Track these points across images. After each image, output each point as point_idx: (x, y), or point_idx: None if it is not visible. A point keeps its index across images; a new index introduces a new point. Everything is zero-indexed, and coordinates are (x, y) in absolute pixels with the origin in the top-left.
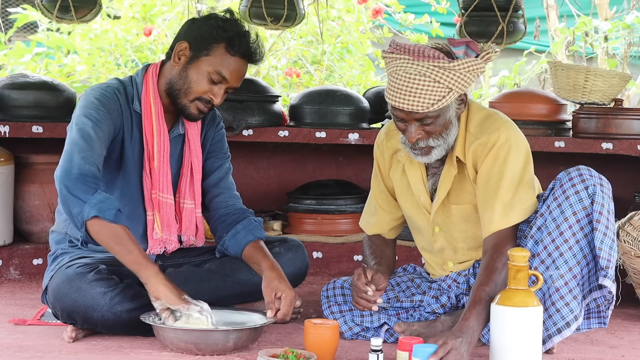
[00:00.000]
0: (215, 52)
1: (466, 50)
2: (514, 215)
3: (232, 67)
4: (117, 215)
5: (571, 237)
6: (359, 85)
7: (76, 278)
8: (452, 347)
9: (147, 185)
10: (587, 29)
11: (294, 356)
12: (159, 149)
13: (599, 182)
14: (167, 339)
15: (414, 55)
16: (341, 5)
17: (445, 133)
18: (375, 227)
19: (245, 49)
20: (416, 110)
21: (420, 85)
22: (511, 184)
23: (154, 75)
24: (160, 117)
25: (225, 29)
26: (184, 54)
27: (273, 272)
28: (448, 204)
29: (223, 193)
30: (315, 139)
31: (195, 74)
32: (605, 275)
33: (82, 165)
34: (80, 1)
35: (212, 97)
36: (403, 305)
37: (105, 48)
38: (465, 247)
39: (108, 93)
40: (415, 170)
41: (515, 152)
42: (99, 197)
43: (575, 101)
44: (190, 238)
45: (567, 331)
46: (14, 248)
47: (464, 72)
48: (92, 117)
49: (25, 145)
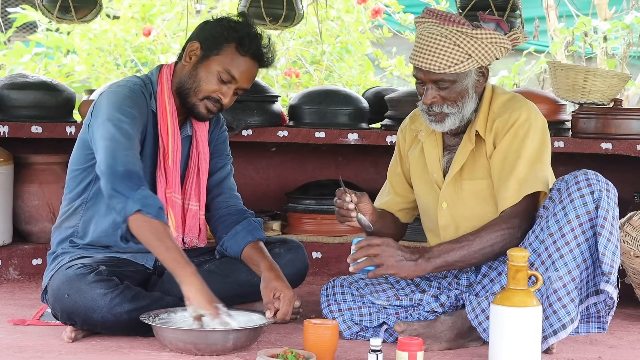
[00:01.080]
0: (226, 51)
1: (495, 28)
2: (525, 189)
3: (242, 67)
4: (159, 212)
5: (573, 240)
6: (358, 85)
7: (76, 279)
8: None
9: (162, 185)
10: (586, 29)
11: (293, 356)
12: (173, 149)
13: (605, 187)
14: (166, 339)
15: (441, 19)
16: (340, 5)
17: (460, 102)
18: (384, 205)
19: (256, 50)
20: (432, 70)
21: (440, 46)
22: (527, 162)
23: (168, 75)
24: (174, 117)
25: (237, 29)
26: (195, 53)
27: (271, 273)
28: (460, 180)
29: (224, 193)
30: (314, 139)
31: (205, 72)
32: (608, 281)
33: (127, 163)
34: (80, 1)
35: (221, 96)
36: (402, 304)
37: (105, 48)
38: (469, 226)
39: (137, 89)
40: (432, 149)
41: (534, 131)
42: (143, 193)
43: (575, 101)
44: (193, 239)
45: (563, 333)
46: (13, 248)
47: (486, 42)
48: (127, 114)
49: (24, 145)
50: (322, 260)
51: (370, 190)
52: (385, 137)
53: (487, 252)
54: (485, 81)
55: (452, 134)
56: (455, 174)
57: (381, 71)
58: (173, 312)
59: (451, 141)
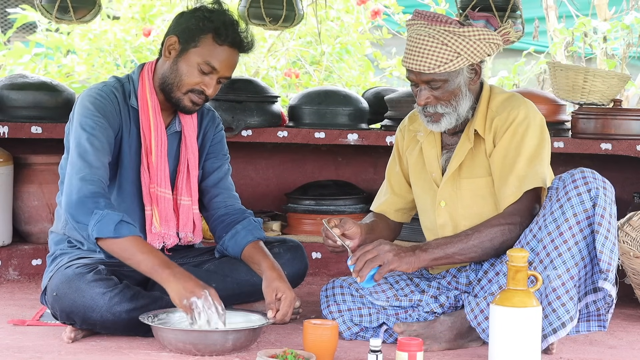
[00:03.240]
0: (203, 43)
1: (485, 25)
2: (525, 185)
3: (221, 57)
4: (117, 228)
5: (570, 238)
6: (358, 85)
7: (75, 278)
8: (375, 244)
9: (145, 180)
10: (586, 29)
11: (292, 357)
12: (156, 144)
13: (602, 185)
14: (165, 339)
15: (429, 20)
16: (340, 5)
17: (454, 101)
18: (382, 205)
19: (233, 38)
20: (422, 71)
21: (428, 47)
22: (527, 159)
23: (150, 72)
24: (157, 112)
25: (212, 19)
26: (174, 47)
27: (274, 272)
28: (459, 178)
29: (222, 193)
30: (314, 140)
31: (186, 66)
32: (606, 279)
33: (81, 188)
34: (79, 2)
35: (204, 87)
36: (402, 305)
37: (105, 48)
38: (467, 224)
39: (104, 92)
40: (431, 148)
41: (532, 128)
42: (96, 218)
43: (574, 102)
44: (187, 235)
45: (563, 331)
46: (13, 248)
47: (474, 39)
48: (87, 128)
49: (24, 145)
50: (321, 260)
51: (370, 190)
52: (385, 137)
53: (487, 247)
54: (479, 78)
55: (451, 133)
56: (454, 172)
57: (381, 72)
58: (172, 312)
59: (449, 140)
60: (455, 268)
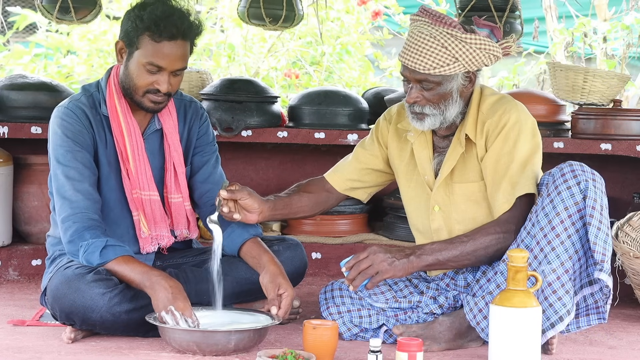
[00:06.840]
0: (142, 43)
1: (489, 35)
2: (518, 191)
3: (163, 53)
4: (103, 254)
5: (563, 232)
6: (358, 86)
7: (75, 279)
8: (370, 252)
9: (127, 186)
10: (586, 29)
11: (292, 357)
12: (132, 148)
13: (591, 177)
14: (171, 338)
15: (433, 19)
16: (340, 6)
17: (443, 104)
18: (336, 173)
19: (170, 31)
20: (417, 70)
21: (427, 46)
22: (520, 165)
23: (115, 76)
24: (128, 115)
25: (143, 18)
26: (124, 51)
27: (277, 268)
28: (451, 183)
29: (213, 189)
30: (314, 140)
31: (134, 69)
32: (601, 269)
33: (66, 231)
34: (80, 2)
35: (157, 86)
36: (401, 306)
37: (104, 49)
38: (461, 229)
39: (71, 110)
40: (422, 150)
41: (524, 134)
42: (82, 250)
43: (574, 102)
44: (183, 231)
45: (560, 325)
46: (13, 249)
47: (474, 47)
48: (60, 159)
49: (24, 145)
50: (321, 260)
51: None
52: None
53: (481, 255)
54: (472, 87)
55: (441, 136)
56: (446, 177)
57: (381, 72)
58: None
59: (441, 143)
60: (452, 271)
